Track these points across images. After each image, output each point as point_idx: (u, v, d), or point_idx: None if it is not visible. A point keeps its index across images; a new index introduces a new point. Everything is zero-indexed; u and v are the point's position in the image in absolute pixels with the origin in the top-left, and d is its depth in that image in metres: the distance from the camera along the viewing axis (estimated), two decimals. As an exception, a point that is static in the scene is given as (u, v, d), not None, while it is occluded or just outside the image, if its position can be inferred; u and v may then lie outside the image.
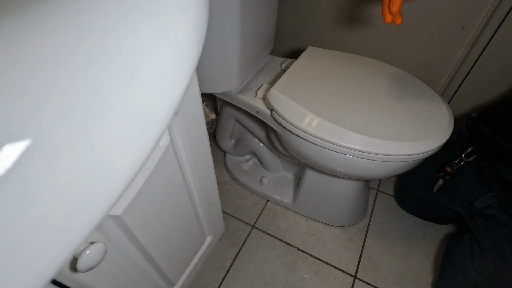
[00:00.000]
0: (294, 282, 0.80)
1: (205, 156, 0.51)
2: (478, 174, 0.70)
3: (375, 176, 0.67)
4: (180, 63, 0.24)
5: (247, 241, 0.88)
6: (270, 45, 0.82)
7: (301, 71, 0.71)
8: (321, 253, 0.85)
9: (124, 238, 0.40)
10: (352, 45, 0.91)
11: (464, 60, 0.79)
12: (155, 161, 0.38)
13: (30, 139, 0.16)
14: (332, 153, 0.61)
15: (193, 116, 0.43)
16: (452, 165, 0.73)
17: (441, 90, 0.88)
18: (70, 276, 0.33)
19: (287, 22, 0.96)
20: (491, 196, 0.66)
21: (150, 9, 0.22)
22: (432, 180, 0.79)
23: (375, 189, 1.01)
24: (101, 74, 0.19)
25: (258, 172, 1.01)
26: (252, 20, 0.65)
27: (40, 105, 0.17)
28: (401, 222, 0.93)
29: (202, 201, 0.58)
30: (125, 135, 0.21)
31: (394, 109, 0.62)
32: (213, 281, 0.80)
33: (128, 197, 0.36)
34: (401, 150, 0.56)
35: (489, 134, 0.65)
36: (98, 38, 0.19)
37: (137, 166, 0.22)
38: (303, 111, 0.61)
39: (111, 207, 0.21)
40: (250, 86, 0.76)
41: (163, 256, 0.52)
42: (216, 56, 0.65)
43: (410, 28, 0.80)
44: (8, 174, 0.15)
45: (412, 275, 0.82)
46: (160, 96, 0.23)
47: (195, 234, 0.62)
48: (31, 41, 0.17)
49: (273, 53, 0.88)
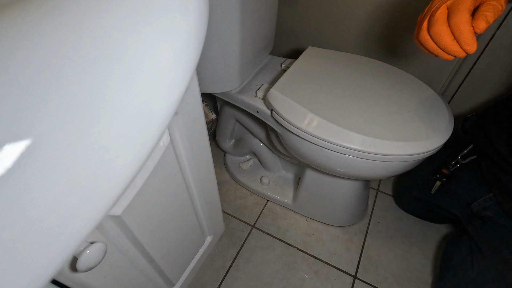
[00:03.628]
0: (294, 282, 0.80)
1: (205, 156, 0.51)
2: (474, 176, 0.70)
3: (375, 176, 0.67)
4: (180, 63, 0.24)
5: (247, 241, 0.88)
6: (270, 45, 0.82)
7: (301, 71, 0.71)
8: (321, 253, 0.85)
9: (124, 238, 0.40)
10: (352, 45, 0.91)
11: (464, 60, 0.79)
12: (155, 161, 0.38)
13: (30, 139, 0.16)
14: (332, 153, 0.61)
15: (193, 116, 0.43)
16: (449, 167, 0.73)
17: (441, 90, 0.88)
18: (70, 276, 0.33)
19: (287, 22, 0.96)
20: (488, 198, 0.66)
21: (150, 9, 0.22)
22: (430, 181, 0.79)
23: (375, 189, 1.01)
24: (101, 74, 0.19)
25: (258, 172, 1.01)
26: (252, 20, 0.65)
27: (40, 105, 0.17)
28: (401, 222, 0.93)
29: (202, 201, 0.58)
30: (125, 135, 0.21)
31: (394, 109, 0.62)
32: (213, 281, 0.80)
33: (128, 197, 0.36)
34: (401, 150, 0.56)
35: (482, 136, 0.65)
36: (98, 38, 0.19)
37: (137, 166, 0.22)
38: (303, 111, 0.61)
39: (111, 207, 0.21)
40: (250, 86, 0.76)
41: (163, 256, 0.52)
42: (216, 56, 0.65)
43: (410, 28, 0.80)
44: (8, 174, 0.15)
45: (412, 275, 0.82)
46: (160, 96, 0.23)
47: (195, 234, 0.62)
48: (32, 41, 0.17)
49: (273, 53, 0.88)
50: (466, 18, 0.38)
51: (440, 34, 0.40)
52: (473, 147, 0.70)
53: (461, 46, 0.40)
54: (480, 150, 0.67)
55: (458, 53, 0.41)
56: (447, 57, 0.43)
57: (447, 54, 0.42)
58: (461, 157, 0.71)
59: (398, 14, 0.79)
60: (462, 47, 0.40)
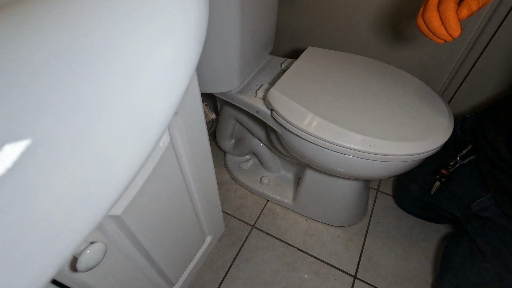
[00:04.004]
0: (294, 282, 0.80)
1: (205, 156, 0.51)
2: (473, 176, 0.69)
3: (375, 176, 0.67)
4: (180, 63, 0.24)
5: (247, 241, 0.88)
6: (270, 45, 0.82)
7: (301, 71, 0.71)
8: (321, 253, 0.85)
9: (124, 238, 0.40)
10: (352, 45, 0.91)
11: (464, 60, 0.79)
12: (155, 161, 0.38)
13: (30, 139, 0.16)
14: (332, 153, 0.61)
15: (193, 116, 0.43)
16: (448, 167, 0.73)
17: (441, 90, 0.88)
18: (70, 276, 0.33)
19: (287, 22, 0.96)
20: (487, 198, 0.66)
21: (151, 9, 0.22)
22: (429, 182, 0.79)
23: (375, 189, 1.01)
24: (101, 74, 0.19)
25: (258, 172, 1.01)
26: (252, 20, 0.65)
27: (41, 105, 0.17)
28: (401, 222, 0.93)
29: (202, 201, 0.58)
30: (125, 135, 0.21)
31: (394, 109, 0.62)
32: (213, 281, 0.80)
33: (128, 197, 0.36)
34: (401, 150, 0.56)
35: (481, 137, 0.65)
36: (98, 38, 0.19)
37: (137, 166, 0.22)
38: (303, 111, 0.61)
39: (111, 207, 0.21)
40: (250, 86, 0.76)
41: (163, 256, 0.52)
42: (216, 56, 0.65)
43: (410, 28, 0.80)
44: (8, 174, 0.15)
45: (412, 275, 0.82)
46: (160, 96, 0.23)
47: (195, 234, 0.62)
48: (32, 41, 0.17)
49: (273, 53, 0.88)
50: (451, 5, 0.43)
51: (430, 19, 0.45)
52: (471, 147, 0.70)
53: (447, 30, 0.45)
54: (478, 150, 0.67)
55: (445, 37, 0.46)
56: (438, 41, 0.48)
57: (437, 38, 0.47)
58: (460, 158, 0.71)
59: (398, 14, 0.79)
60: (448, 32, 0.45)
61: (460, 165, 0.71)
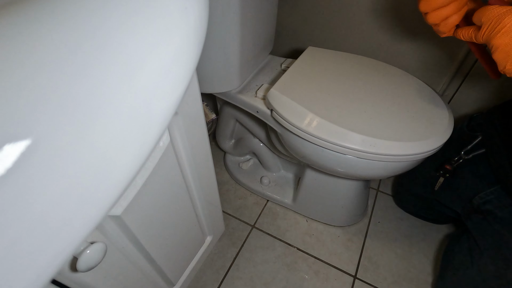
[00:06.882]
0: (294, 282, 0.80)
1: (205, 156, 0.51)
2: (477, 171, 0.70)
3: (375, 176, 0.67)
4: (180, 63, 0.24)
5: (247, 241, 0.88)
6: (270, 45, 0.82)
7: (301, 71, 0.71)
8: (321, 253, 0.85)
9: (124, 238, 0.40)
10: (352, 45, 0.91)
11: (464, 60, 0.79)
12: (155, 161, 0.38)
13: (30, 139, 0.16)
14: (332, 153, 0.61)
15: (193, 116, 0.43)
16: (452, 163, 0.73)
17: (441, 90, 0.88)
18: (70, 276, 0.33)
19: (287, 22, 0.96)
20: (490, 192, 0.66)
21: (150, 9, 0.22)
22: (431, 179, 0.79)
23: (375, 189, 1.01)
24: (101, 74, 0.19)
25: (258, 172, 1.01)
26: (252, 20, 0.65)
27: (40, 105, 0.17)
28: (401, 222, 0.93)
29: (202, 201, 0.58)
30: (125, 135, 0.21)
31: (394, 109, 0.62)
32: (213, 281, 0.80)
33: (128, 197, 0.36)
34: (401, 150, 0.56)
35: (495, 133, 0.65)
36: (98, 38, 0.19)
37: (137, 166, 0.22)
38: (303, 111, 0.61)
39: (111, 207, 0.21)
40: (250, 86, 0.76)
41: (163, 256, 0.52)
42: (216, 56, 0.65)
43: (410, 28, 0.80)
44: (8, 174, 0.15)
45: (412, 275, 0.82)
46: (160, 96, 0.23)
47: (195, 234, 0.62)
48: (32, 41, 0.17)
49: (273, 53, 0.88)
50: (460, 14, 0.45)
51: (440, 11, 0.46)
52: (482, 144, 0.70)
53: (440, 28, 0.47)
54: (490, 144, 0.67)
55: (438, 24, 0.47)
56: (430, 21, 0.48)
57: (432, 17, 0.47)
58: (465, 153, 0.71)
59: (398, 15, 0.79)
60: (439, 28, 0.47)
61: (464, 160, 0.71)
